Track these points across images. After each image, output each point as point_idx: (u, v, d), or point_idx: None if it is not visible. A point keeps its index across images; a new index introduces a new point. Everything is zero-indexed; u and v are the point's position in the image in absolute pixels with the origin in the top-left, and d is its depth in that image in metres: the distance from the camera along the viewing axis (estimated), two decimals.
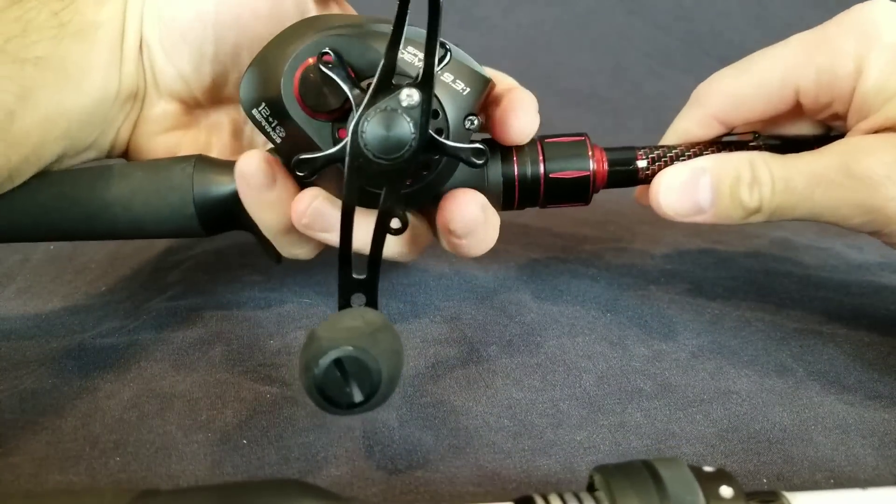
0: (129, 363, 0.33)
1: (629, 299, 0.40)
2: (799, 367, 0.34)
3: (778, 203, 0.31)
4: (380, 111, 0.28)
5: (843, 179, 0.29)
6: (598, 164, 0.35)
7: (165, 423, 0.29)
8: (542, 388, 0.32)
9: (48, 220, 0.33)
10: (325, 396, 0.23)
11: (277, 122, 0.31)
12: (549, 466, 0.27)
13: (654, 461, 0.21)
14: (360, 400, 0.23)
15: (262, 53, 0.32)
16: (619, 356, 0.34)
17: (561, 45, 0.87)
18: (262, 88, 0.31)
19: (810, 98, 0.32)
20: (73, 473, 0.26)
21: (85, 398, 0.31)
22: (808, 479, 0.26)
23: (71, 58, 0.32)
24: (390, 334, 0.25)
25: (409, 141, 0.28)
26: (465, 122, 0.31)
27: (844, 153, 0.30)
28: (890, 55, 0.30)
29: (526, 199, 0.35)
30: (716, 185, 0.32)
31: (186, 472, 0.26)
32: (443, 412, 0.30)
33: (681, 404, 0.31)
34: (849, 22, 0.31)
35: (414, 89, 0.28)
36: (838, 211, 0.30)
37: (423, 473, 0.27)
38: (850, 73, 0.31)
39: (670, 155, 0.35)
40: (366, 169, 0.28)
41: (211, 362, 0.33)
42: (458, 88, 0.31)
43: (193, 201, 0.33)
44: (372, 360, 0.23)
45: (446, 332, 0.36)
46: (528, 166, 0.34)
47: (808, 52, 0.32)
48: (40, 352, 0.34)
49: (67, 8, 0.33)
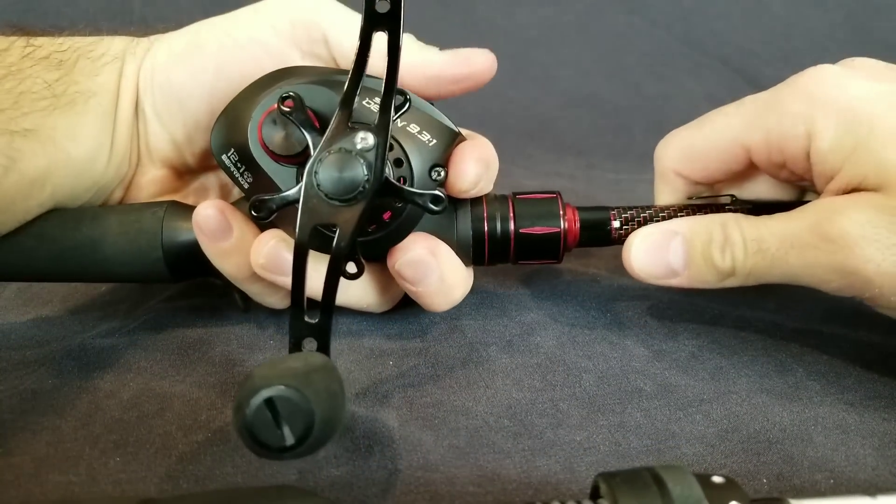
0: (129, 363, 0.33)
1: (629, 299, 0.40)
2: (799, 367, 0.34)
3: (752, 265, 0.31)
4: (334, 152, 0.28)
5: (817, 241, 0.29)
6: (570, 223, 0.35)
7: (165, 424, 0.29)
8: (542, 388, 0.32)
9: (17, 259, 0.33)
10: (255, 439, 0.21)
11: (245, 168, 0.32)
12: (548, 467, 0.27)
13: (661, 471, 0.21)
14: (292, 443, 0.22)
15: (233, 101, 0.33)
16: (618, 356, 0.34)
17: (561, 45, 0.87)
18: (230, 134, 0.32)
19: (762, 157, 0.33)
20: (73, 474, 0.26)
21: (85, 398, 0.31)
22: (807, 480, 0.26)
23: (60, 128, 0.33)
24: (329, 375, 0.24)
25: (362, 182, 0.28)
26: (432, 173, 0.32)
27: (816, 214, 0.29)
28: (840, 116, 0.29)
29: (496, 255, 0.35)
30: (688, 248, 0.32)
31: (186, 472, 0.26)
32: (443, 412, 0.30)
33: (681, 404, 0.31)
34: (799, 85, 0.31)
35: (369, 132, 0.28)
36: (815, 274, 0.29)
37: (422, 474, 0.27)
38: (800, 135, 0.31)
39: (643, 216, 0.35)
40: (319, 210, 0.28)
41: (211, 362, 0.33)
42: (423, 140, 0.32)
43: (162, 246, 0.33)
44: (304, 400, 0.21)
45: (446, 332, 0.36)
46: (498, 222, 0.34)
47: (759, 114, 0.32)
48: (40, 352, 0.34)
49: (62, 79, 0.33)
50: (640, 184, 0.58)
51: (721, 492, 0.20)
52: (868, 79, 0.30)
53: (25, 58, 0.32)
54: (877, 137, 0.29)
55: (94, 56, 0.35)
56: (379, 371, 0.33)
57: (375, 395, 0.31)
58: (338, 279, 0.29)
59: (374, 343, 0.35)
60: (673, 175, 0.36)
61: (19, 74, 0.32)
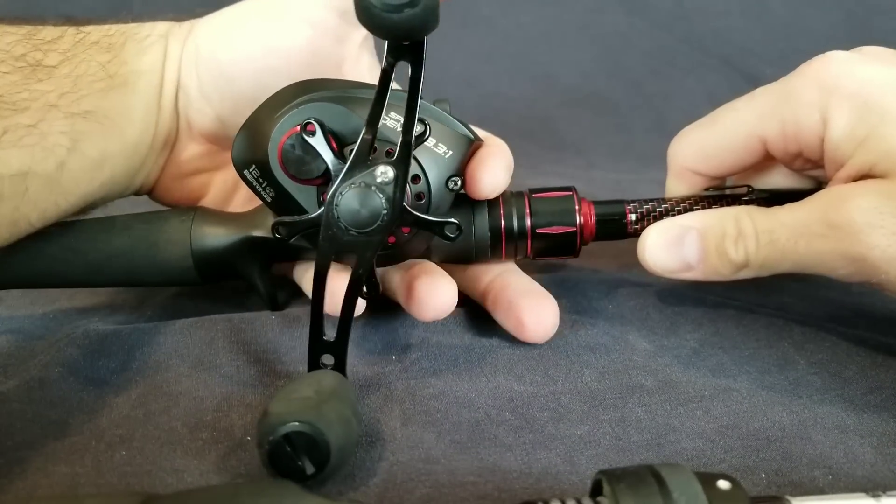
0: (136, 359, 0.33)
1: (632, 292, 0.40)
2: (801, 358, 0.34)
3: (764, 257, 0.31)
4: (354, 186, 0.28)
5: (825, 230, 0.29)
6: (586, 218, 0.36)
7: (171, 420, 0.29)
8: (544, 382, 0.32)
9: (53, 270, 0.35)
10: (279, 471, 0.24)
11: (267, 184, 0.33)
12: (549, 459, 0.27)
13: (663, 472, 0.21)
14: (313, 472, 0.24)
15: (252, 117, 0.33)
16: (620, 351, 0.34)
17: (561, 45, 0.87)
18: (251, 151, 0.32)
19: (779, 149, 0.33)
20: (79, 466, 0.27)
21: (91, 392, 0.31)
22: (806, 476, 0.27)
23: (116, 108, 0.34)
24: (341, 400, 0.26)
25: (381, 216, 0.28)
26: (449, 184, 0.32)
27: (824, 203, 0.30)
28: (853, 102, 0.30)
29: (513, 252, 0.36)
30: (702, 242, 0.32)
31: (191, 466, 0.27)
32: (445, 405, 0.30)
33: (681, 400, 0.31)
34: (810, 73, 0.31)
35: (389, 167, 0.29)
36: (824, 262, 0.30)
37: (423, 465, 0.27)
38: (815, 123, 0.31)
39: (659, 210, 0.36)
40: (338, 238, 0.29)
41: (217, 359, 0.34)
42: (439, 152, 0.32)
43: (192, 254, 0.34)
44: (318, 432, 0.24)
45: (449, 325, 0.36)
46: (515, 220, 0.35)
47: (772, 105, 0.32)
48: (47, 346, 0.35)
49: (113, 60, 0.34)
50: (641, 183, 0.58)
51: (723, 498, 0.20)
52: (878, 64, 0.30)
53: (78, 43, 0.33)
54: (886, 124, 0.29)
55: (139, 37, 0.36)
56: (382, 365, 0.33)
57: (378, 388, 0.32)
58: (356, 300, 0.30)
59: (377, 337, 0.36)
60: (689, 174, 0.36)
61: (74, 59, 0.33)
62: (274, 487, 0.22)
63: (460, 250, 0.35)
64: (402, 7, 0.24)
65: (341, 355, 0.30)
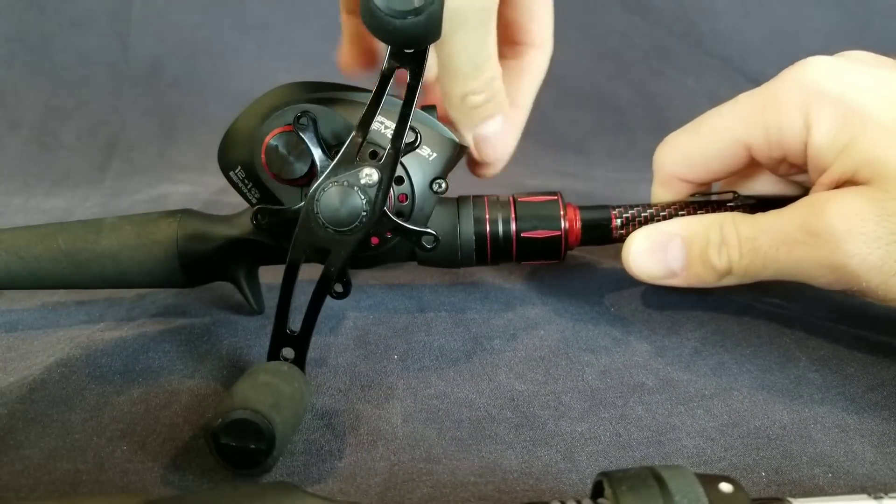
0: (137, 355, 0.34)
1: (633, 292, 0.40)
2: (802, 355, 0.34)
3: (747, 264, 0.31)
4: (337, 184, 0.29)
5: (805, 237, 0.29)
6: (571, 223, 0.36)
7: (173, 416, 0.29)
8: (545, 381, 0.32)
9: (42, 271, 0.35)
10: (238, 463, 0.25)
11: (252, 185, 0.33)
12: (549, 456, 0.27)
13: (664, 474, 0.20)
14: (263, 447, 0.25)
15: (238, 118, 0.33)
16: (621, 351, 0.34)
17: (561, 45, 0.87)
18: (237, 153, 0.33)
19: (763, 154, 0.33)
20: (80, 462, 0.27)
21: (93, 389, 0.31)
22: (806, 474, 0.27)
23: None
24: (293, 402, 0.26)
25: (360, 217, 0.29)
26: (433, 186, 0.32)
27: (804, 210, 0.29)
28: (835, 108, 0.29)
29: (498, 256, 0.36)
30: (687, 249, 0.32)
31: (193, 463, 0.27)
32: (446, 404, 0.31)
33: (682, 399, 0.31)
34: (793, 79, 0.31)
35: (374, 170, 0.29)
36: (805, 270, 0.29)
37: (425, 465, 0.27)
38: (798, 128, 0.31)
39: (644, 215, 0.36)
40: (315, 233, 0.29)
41: (218, 355, 0.34)
42: (424, 154, 0.32)
43: (178, 255, 0.34)
44: (264, 422, 0.24)
45: (450, 326, 0.37)
46: (500, 224, 0.35)
47: (756, 111, 0.32)
48: (47, 342, 0.35)
49: None
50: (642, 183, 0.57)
51: (724, 496, 0.20)
52: (860, 69, 0.30)
53: None
54: (868, 131, 0.28)
55: None
56: (384, 365, 0.33)
57: (380, 388, 0.32)
58: (324, 298, 0.30)
59: (380, 337, 0.36)
60: (675, 181, 0.36)
61: None
62: (274, 488, 0.22)
63: (446, 253, 0.35)
64: (405, 14, 0.24)
65: (303, 350, 0.30)
